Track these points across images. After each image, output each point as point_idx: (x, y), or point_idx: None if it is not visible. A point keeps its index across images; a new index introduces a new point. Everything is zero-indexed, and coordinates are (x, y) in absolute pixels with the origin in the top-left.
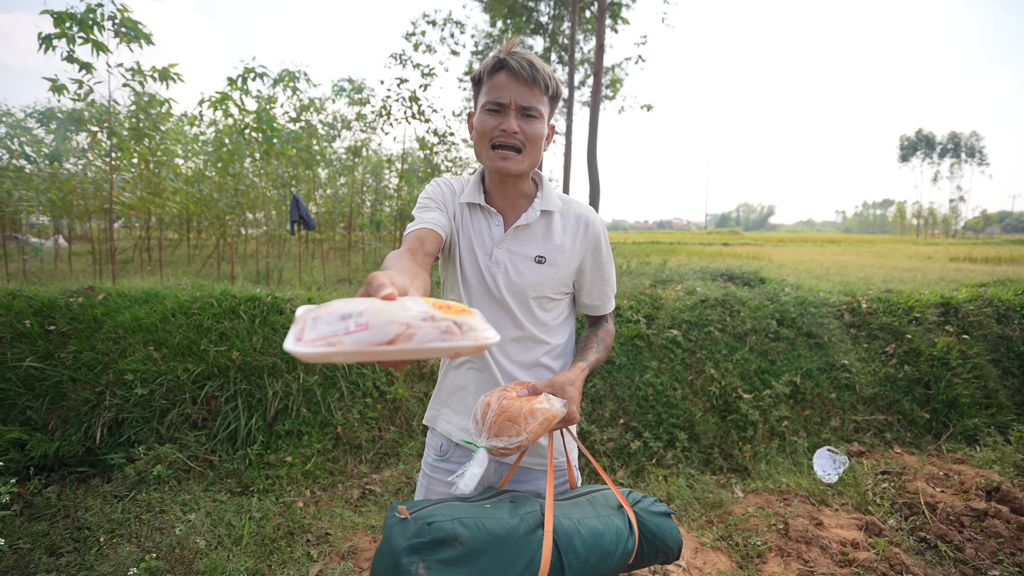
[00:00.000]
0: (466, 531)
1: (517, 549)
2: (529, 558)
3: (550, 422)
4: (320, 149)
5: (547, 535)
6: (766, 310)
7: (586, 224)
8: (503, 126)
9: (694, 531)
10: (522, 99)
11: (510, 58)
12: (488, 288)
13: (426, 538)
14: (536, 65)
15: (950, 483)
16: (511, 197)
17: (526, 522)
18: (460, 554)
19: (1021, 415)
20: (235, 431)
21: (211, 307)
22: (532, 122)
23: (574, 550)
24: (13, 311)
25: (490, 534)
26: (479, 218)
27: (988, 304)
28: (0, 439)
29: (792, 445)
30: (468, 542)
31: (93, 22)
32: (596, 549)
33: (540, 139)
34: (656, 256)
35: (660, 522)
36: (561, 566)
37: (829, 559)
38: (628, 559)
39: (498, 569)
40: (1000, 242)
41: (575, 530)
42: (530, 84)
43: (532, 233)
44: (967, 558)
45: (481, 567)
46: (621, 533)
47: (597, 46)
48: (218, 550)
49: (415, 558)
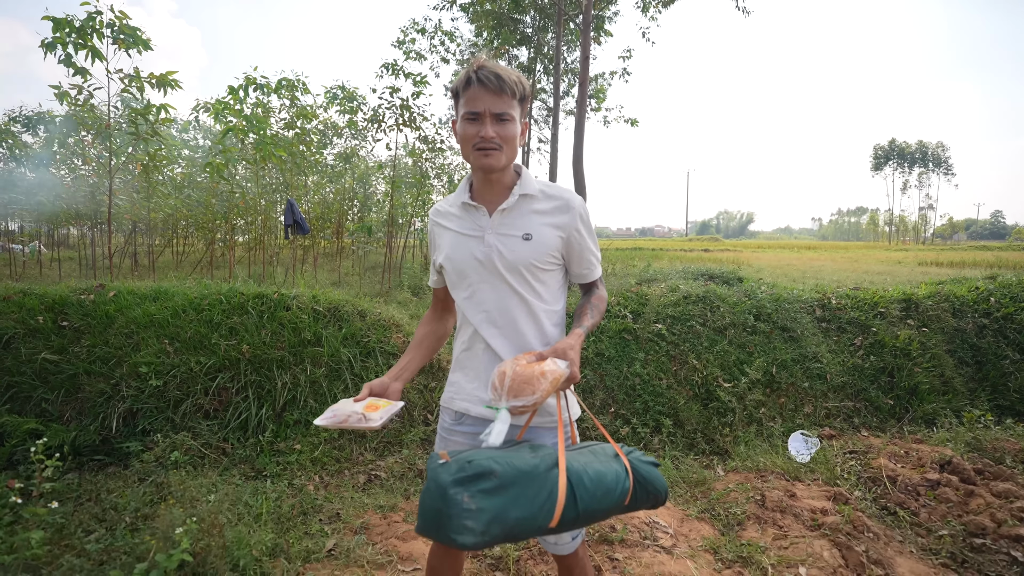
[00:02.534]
0: (499, 467)
1: (539, 483)
2: (548, 491)
3: (558, 381)
4: (312, 154)
5: (561, 472)
6: (744, 306)
7: (566, 203)
8: (481, 133)
9: (680, 505)
10: (494, 107)
11: (479, 72)
12: (487, 269)
13: (468, 472)
14: (502, 76)
15: (909, 459)
16: (496, 189)
17: (544, 461)
18: (496, 485)
19: (974, 400)
20: (246, 420)
21: (220, 303)
22: (505, 124)
23: (584, 486)
24: (25, 308)
25: (518, 469)
26: (468, 215)
27: (945, 300)
28: (17, 429)
29: (769, 430)
30: (501, 475)
31: (92, 30)
32: (601, 486)
33: (515, 137)
34: (640, 261)
35: (649, 470)
36: (574, 498)
37: (801, 524)
38: (626, 498)
39: (525, 498)
40: (965, 248)
41: (583, 470)
42: (499, 93)
43: (515, 215)
44: (921, 521)
45: (513, 495)
46: (619, 475)
47: (582, 57)
48: (240, 525)
49: (460, 489)
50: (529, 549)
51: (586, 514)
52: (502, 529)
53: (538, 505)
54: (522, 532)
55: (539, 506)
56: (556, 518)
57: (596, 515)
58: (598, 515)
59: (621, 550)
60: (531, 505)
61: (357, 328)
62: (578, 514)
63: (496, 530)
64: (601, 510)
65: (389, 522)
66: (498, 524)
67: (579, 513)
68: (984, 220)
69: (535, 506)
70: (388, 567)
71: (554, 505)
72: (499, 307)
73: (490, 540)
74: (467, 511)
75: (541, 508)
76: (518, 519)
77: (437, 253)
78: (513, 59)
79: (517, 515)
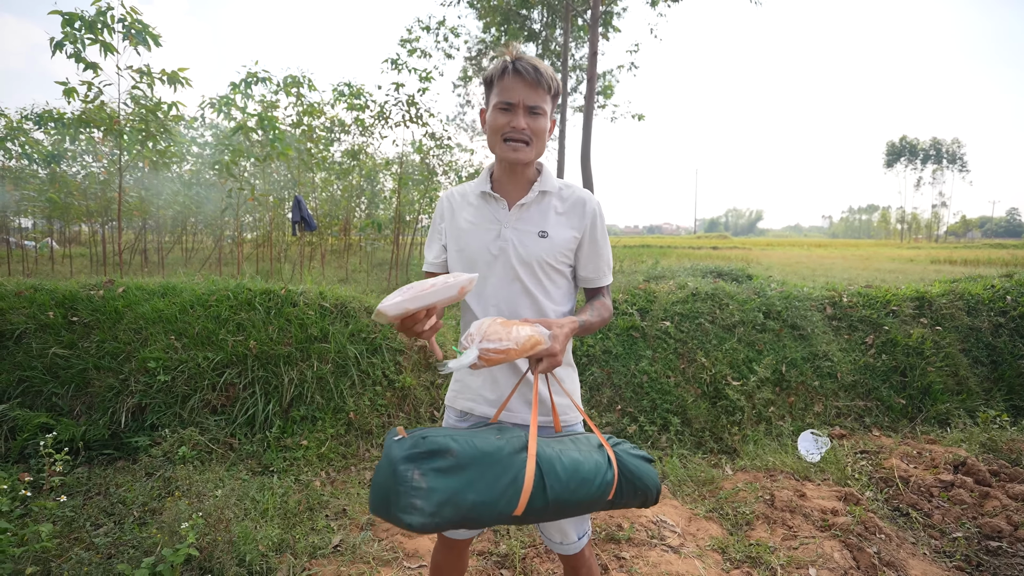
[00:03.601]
0: (457, 445)
1: (503, 466)
2: (513, 475)
3: (535, 344)
4: (319, 151)
5: (531, 456)
6: (753, 303)
7: (583, 204)
8: (513, 123)
9: (688, 504)
10: (529, 99)
11: (517, 63)
12: (500, 262)
13: (421, 449)
14: (540, 69)
15: (922, 460)
16: (518, 183)
17: (511, 444)
18: (451, 464)
19: (989, 400)
20: (253, 416)
21: (227, 299)
22: (538, 118)
23: (555, 473)
24: (36, 303)
25: (478, 449)
26: (487, 205)
27: (959, 298)
28: (29, 423)
29: (778, 429)
30: (459, 454)
31: (103, 24)
32: (576, 475)
33: (544, 132)
34: (648, 258)
35: (639, 464)
36: (544, 486)
37: (811, 525)
38: (608, 491)
39: (485, 481)
40: (979, 246)
41: (556, 457)
42: (535, 86)
43: (534, 211)
44: (935, 523)
45: (470, 477)
46: (600, 466)
47: (590, 53)
48: (246, 521)
49: (411, 466)
50: (535, 547)
51: (557, 504)
52: (457, 512)
53: (499, 490)
54: (481, 518)
55: (500, 491)
56: (521, 506)
57: (569, 507)
58: (572, 507)
59: (628, 549)
60: (491, 489)
61: (364, 324)
62: (547, 503)
63: (449, 513)
64: (575, 502)
65: None
66: (451, 507)
67: (549, 502)
68: (999, 218)
69: (496, 491)
70: (393, 563)
71: (519, 491)
72: (508, 302)
73: (442, 523)
74: (416, 489)
75: (503, 493)
76: (475, 503)
77: (443, 236)
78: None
79: (474, 499)
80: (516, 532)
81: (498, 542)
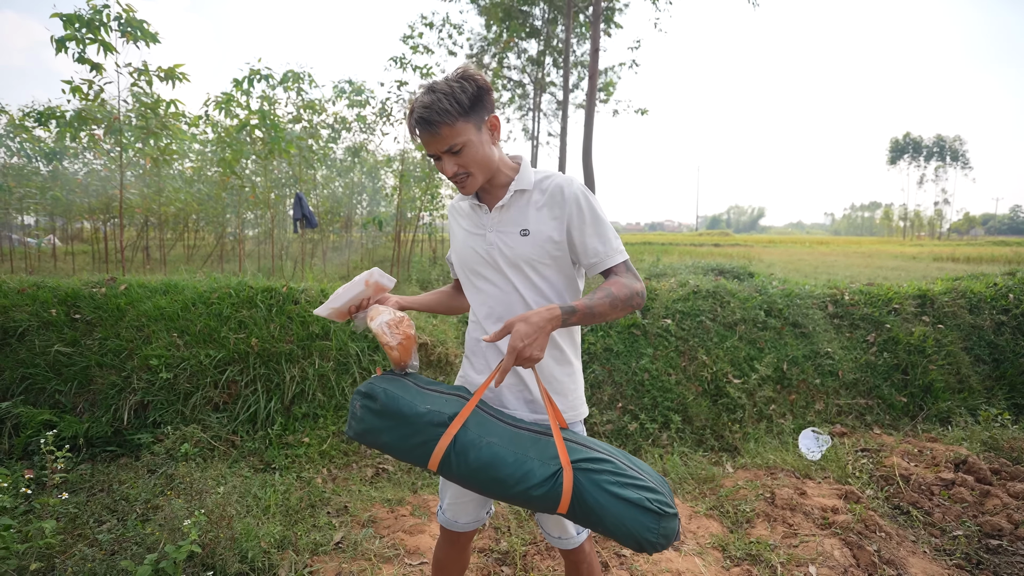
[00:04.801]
0: (383, 397)
1: (414, 429)
2: (424, 440)
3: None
4: (321, 148)
5: (447, 434)
6: (755, 301)
7: (561, 191)
8: (444, 170)
9: (688, 502)
10: (441, 145)
11: (414, 120)
12: (490, 265)
13: (364, 389)
14: (428, 118)
15: (923, 458)
16: (494, 191)
17: (433, 417)
18: (376, 408)
19: (991, 398)
20: (255, 413)
21: (229, 297)
22: (461, 154)
23: (465, 458)
24: (38, 301)
25: (395, 409)
26: (475, 213)
27: (961, 296)
28: (32, 421)
29: (779, 427)
30: (382, 405)
31: (100, 23)
32: (489, 470)
33: (477, 156)
34: (649, 256)
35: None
36: (449, 463)
37: (811, 523)
38: (541, 503)
39: (397, 433)
40: (983, 243)
41: (475, 445)
42: (435, 134)
43: (513, 211)
44: (935, 521)
45: (386, 424)
46: (530, 475)
47: (592, 51)
48: (248, 518)
49: (358, 397)
50: (536, 544)
51: (471, 484)
52: (375, 442)
53: (409, 446)
54: (400, 456)
55: (410, 447)
56: (432, 466)
57: (487, 492)
58: (490, 493)
59: None
60: (401, 442)
61: None
62: (461, 477)
63: (370, 440)
64: (491, 491)
65: (396, 516)
66: (371, 436)
67: (461, 477)
68: (1003, 215)
69: (405, 444)
70: (395, 560)
71: (429, 453)
72: (502, 302)
73: (368, 444)
74: (353, 414)
75: (413, 449)
76: (388, 444)
77: (452, 247)
78: (522, 52)
79: (387, 441)
80: (517, 529)
81: (499, 539)
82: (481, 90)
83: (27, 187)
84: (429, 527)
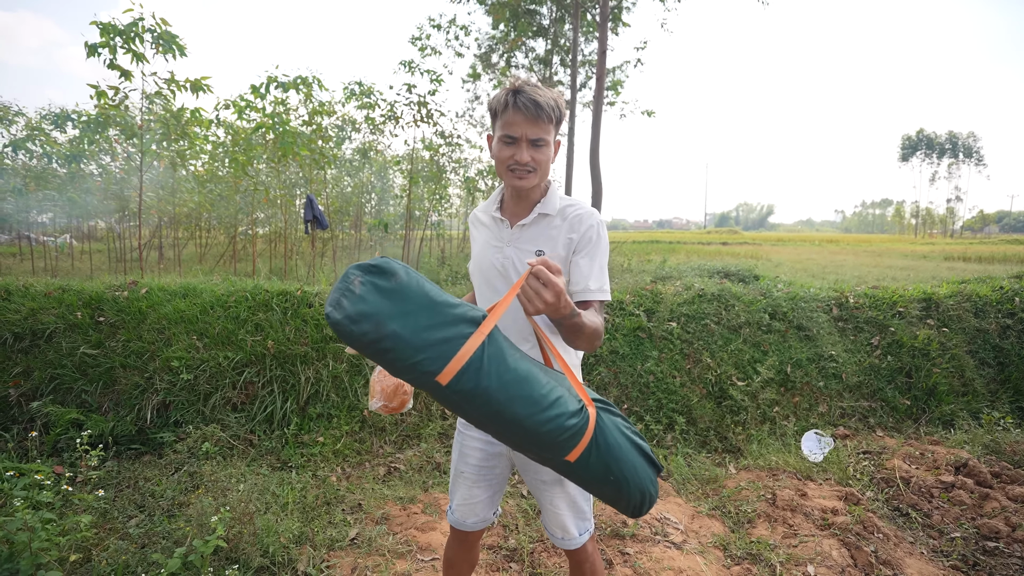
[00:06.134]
0: (405, 276)
1: (441, 319)
2: (448, 336)
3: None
4: (330, 149)
5: (480, 332)
6: (759, 304)
7: (581, 220)
8: (516, 157)
9: (691, 502)
10: (531, 133)
11: (519, 97)
12: (503, 278)
13: (373, 263)
14: (540, 103)
15: (924, 461)
16: (523, 206)
17: (465, 314)
18: (391, 287)
19: (994, 402)
20: (272, 413)
21: (246, 300)
22: (540, 149)
23: (496, 368)
24: (64, 304)
25: (418, 290)
26: (496, 225)
27: (967, 299)
28: (60, 419)
29: (782, 428)
30: (403, 283)
31: (135, 34)
32: (523, 385)
33: (548, 161)
34: (656, 255)
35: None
36: (479, 369)
37: (811, 524)
38: (563, 439)
39: (414, 320)
40: (996, 241)
41: (509, 355)
42: (536, 120)
43: (533, 231)
44: (934, 523)
45: (402, 309)
46: (563, 402)
47: (600, 52)
48: (268, 514)
49: (358, 273)
50: (543, 542)
51: (487, 401)
52: (374, 331)
53: (425, 339)
54: (396, 356)
55: (426, 341)
56: (448, 374)
57: (502, 417)
58: (505, 419)
59: (632, 545)
60: (416, 333)
61: None
62: (478, 389)
63: (367, 327)
64: (510, 414)
65: (408, 513)
66: (371, 323)
67: (479, 389)
68: (1018, 212)
69: (420, 337)
70: (408, 556)
71: (449, 353)
72: (514, 315)
73: (355, 333)
74: (349, 291)
75: (428, 345)
76: (395, 334)
77: (472, 256)
78: (530, 51)
79: (396, 329)
80: (525, 528)
81: (507, 537)
82: (564, 114)
83: (45, 189)
84: (440, 524)
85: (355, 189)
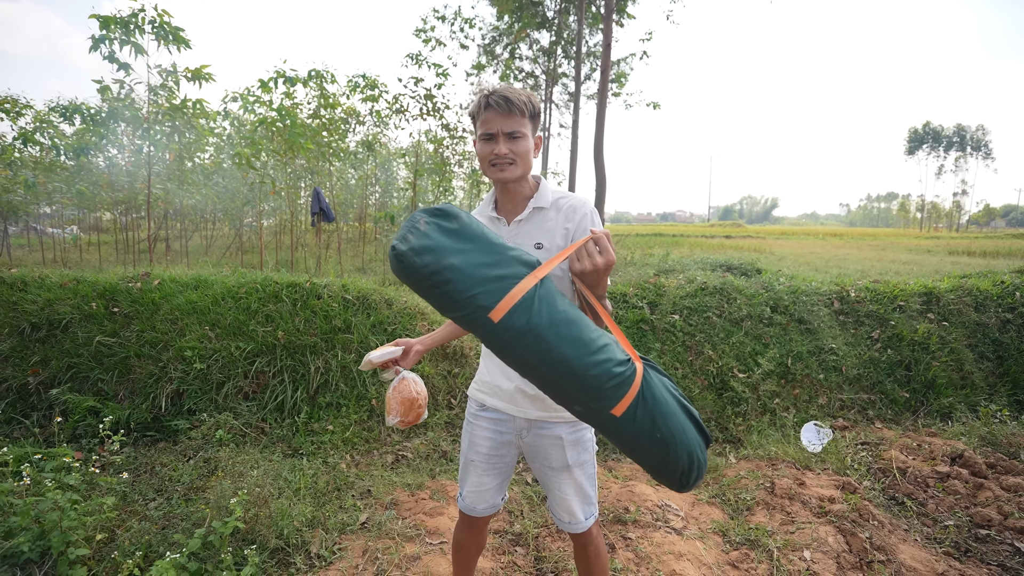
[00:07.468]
0: (468, 219)
1: (498, 259)
2: (503, 274)
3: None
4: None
5: (535, 275)
6: (761, 298)
7: (574, 209)
8: (495, 151)
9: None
10: (506, 127)
11: (491, 97)
12: None
13: (439, 207)
14: (511, 98)
15: (921, 452)
16: (515, 201)
17: (521, 256)
18: (453, 228)
19: (993, 395)
20: (282, 402)
21: (256, 292)
22: (517, 141)
23: (551, 305)
24: (79, 294)
25: (479, 232)
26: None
27: (968, 294)
28: (78, 407)
29: (782, 420)
30: (464, 225)
31: (135, 26)
32: (572, 326)
33: (527, 152)
34: (659, 248)
35: (676, 406)
36: (531, 307)
37: (809, 511)
38: (611, 382)
39: (473, 257)
40: (1002, 236)
41: (559, 299)
42: (509, 114)
43: (529, 226)
44: (928, 511)
45: (461, 247)
46: (610, 349)
47: (604, 44)
48: (281, 499)
49: (424, 215)
50: (548, 527)
51: (536, 341)
52: (435, 262)
53: (481, 275)
54: (455, 287)
55: (482, 277)
56: (500, 311)
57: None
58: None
59: (634, 530)
60: (474, 269)
61: (384, 316)
62: (528, 327)
63: (428, 259)
64: (559, 355)
65: (417, 499)
66: (432, 256)
67: (529, 327)
68: None
69: (477, 273)
70: (417, 539)
71: (503, 289)
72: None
73: (418, 265)
74: (415, 229)
75: (484, 280)
76: (454, 267)
77: None
78: (534, 43)
79: (455, 262)
80: (530, 513)
81: (513, 522)
82: (539, 110)
83: (54, 182)
84: (447, 510)
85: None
